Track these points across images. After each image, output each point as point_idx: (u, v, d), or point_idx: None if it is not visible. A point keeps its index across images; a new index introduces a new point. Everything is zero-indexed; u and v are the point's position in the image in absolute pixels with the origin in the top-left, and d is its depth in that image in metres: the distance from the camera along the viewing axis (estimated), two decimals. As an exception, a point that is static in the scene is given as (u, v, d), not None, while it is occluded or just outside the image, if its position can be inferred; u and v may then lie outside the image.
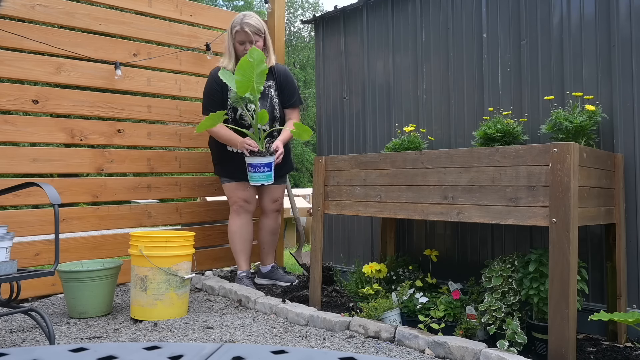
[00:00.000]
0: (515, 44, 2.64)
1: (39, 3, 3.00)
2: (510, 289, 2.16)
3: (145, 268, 2.57)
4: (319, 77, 3.72)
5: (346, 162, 2.65)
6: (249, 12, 3.21)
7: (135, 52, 3.41)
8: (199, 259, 3.48)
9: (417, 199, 2.32)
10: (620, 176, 2.24)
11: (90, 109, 3.21)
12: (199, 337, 2.30)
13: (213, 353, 0.62)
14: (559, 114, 2.21)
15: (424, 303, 2.42)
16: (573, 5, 2.43)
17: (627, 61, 2.27)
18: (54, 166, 3.07)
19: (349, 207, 2.62)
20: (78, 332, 2.41)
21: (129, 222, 3.36)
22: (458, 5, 2.88)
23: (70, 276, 2.60)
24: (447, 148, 2.53)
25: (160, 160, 3.52)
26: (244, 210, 3.26)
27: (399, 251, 3.10)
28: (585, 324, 2.26)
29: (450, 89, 2.91)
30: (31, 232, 2.97)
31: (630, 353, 2.06)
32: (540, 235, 2.51)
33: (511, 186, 2.00)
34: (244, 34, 3.09)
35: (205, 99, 3.21)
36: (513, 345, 2.01)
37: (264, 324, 2.49)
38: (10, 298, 2.16)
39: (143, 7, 3.44)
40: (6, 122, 2.90)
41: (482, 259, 2.67)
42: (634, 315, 1.73)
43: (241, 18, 3.11)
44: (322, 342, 2.21)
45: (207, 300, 3.02)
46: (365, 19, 3.37)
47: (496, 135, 2.32)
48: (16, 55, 2.93)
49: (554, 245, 1.85)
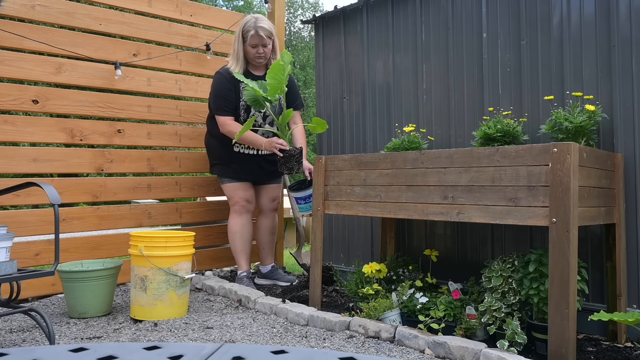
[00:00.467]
0: (515, 44, 2.64)
1: (39, 3, 3.00)
2: (510, 289, 2.16)
3: (145, 268, 2.57)
4: (319, 77, 3.72)
5: (346, 162, 2.65)
6: (260, 16, 3.20)
7: (135, 52, 3.41)
8: (199, 259, 3.48)
9: (417, 199, 2.32)
10: (620, 176, 2.24)
11: (90, 109, 3.21)
12: (199, 337, 2.30)
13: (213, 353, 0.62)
14: (559, 114, 2.21)
15: (424, 303, 2.42)
16: (573, 5, 2.43)
17: (627, 61, 2.27)
18: (54, 166, 3.07)
19: (349, 207, 2.62)
20: (78, 332, 2.41)
21: (129, 222, 3.36)
22: (458, 5, 2.88)
23: (70, 276, 2.60)
24: (447, 148, 2.53)
25: (160, 160, 3.52)
26: (245, 210, 3.27)
27: (399, 251, 3.10)
28: (585, 324, 2.26)
29: (450, 89, 2.91)
30: (31, 232, 2.97)
31: (630, 353, 2.06)
32: (540, 235, 2.51)
33: (511, 186, 2.00)
34: (259, 37, 3.08)
35: (220, 100, 3.15)
36: (513, 345, 2.01)
37: (264, 324, 2.49)
38: (10, 298, 2.16)
39: (143, 7, 3.44)
40: (6, 122, 2.90)
41: (482, 259, 2.67)
42: (634, 315, 1.73)
43: (254, 22, 3.09)
44: (322, 342, 2.21)
45: (207, 300, 3.02)
46: (365, 19, 3.37)
47: (496, 135, 2.32)
48: (16, 55, 2.93)
49: (554, 245, 1.85)
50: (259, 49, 3.11)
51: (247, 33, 3.10)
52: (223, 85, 3.14)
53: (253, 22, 3.09)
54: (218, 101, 3.15)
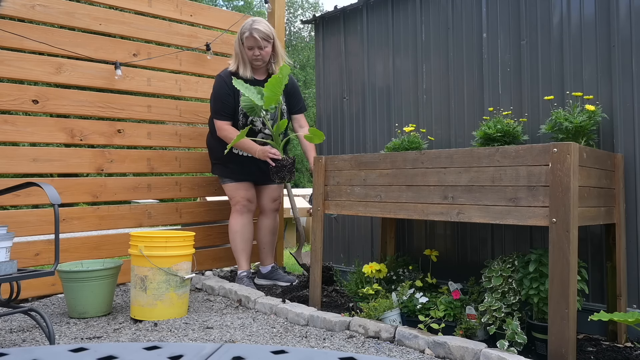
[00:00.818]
0: (515, 44, 2.64)
1: (39, 3, 3.00)
2: (510, 289, 2.16)
3: (145, 268, 2.57)
4: (319, 77, 3.72)
5: (346, 162, 2.65)
6: (259, 18, 3.20)
7: (135, 52, 3.41)
8: (199, 259, 3.48)
9: (417, 199, 2.32)
10: (620, 176, 2.24)
11: (90, 109, 3.21)
12: (199, 337, 2.30)
13: (213, 353, 0.62)
14: (559, 114, 2.21)
15: (424, 303, 2.42)
16: (573, 5, 2.43)
17: (627, 61, 2.27)
18: (54, 166, 3.06)
19: (349, 207, 2.62)
20: (78, 332, 2.41)
21: (129, 222, 3.36)
22: (458, 5, 2.88)
23: (70, 276, 2.60)
24: (447, 148, 2.53)
25: (160, 160, 3.52)
26: (246, 210, 3.27)
27: (399, 251, 3.10)
28: (585, 324, 2.26)
29: (450, 89, 2.91)
30: (31, 232, 2.97)
31: (630, 353, 2.06)
32: (540, 235, 2.51)
33: (511, 186, 2.00)
34: (253, 39, 3.08)
35: (218, 104, 3.16)
36: (513, 345, 2.01)
37: (264, 324, 2.49)
38: (10, 298, 2.16)
39: (143, 7, 3.44)
40: (6, 122, 2.90)
41: (482, 259, 2.67)
42: (634, 315, 1.73)
43: (250, 24, 3.10)
44: (322, 342, 2.21)
45: (207, 300, 3.02)
46: (365, 19, 3.37)
47: (496, 135, 2.32)
48: (16, 55, 2.93)
49: (554, 245, 1.85)
50: (255, 51, 3.12)
51: (243, 35, 3.11)
52: (222, 89, 3.14)
53: (249, 24, 3.10)
54: (217, 105, 3.17)
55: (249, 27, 3.10)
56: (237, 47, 3.16)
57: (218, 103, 3.16)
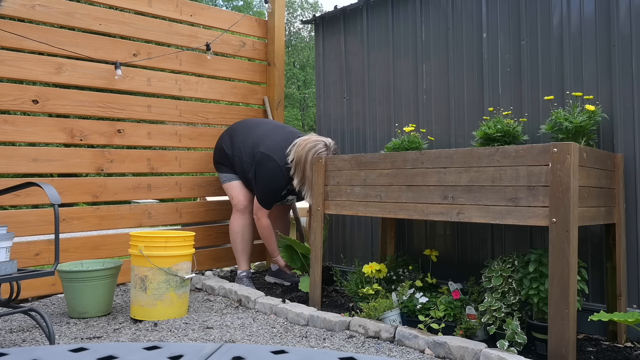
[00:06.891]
0: (515, 44, 2.64)
1: (39, 3, 3.00)
2: (510, 289, 2.16)
3: (145, 268, 2.57)
4: (319, 77, 3.72)
5: (346, 162, 2.65)
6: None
7: (135, 52, 3.41)
8: (199, 259, 3.48)
9: (417, 199, 2.32)
10: (620, 176, 2.24)
11: (90, 109, 3.21)
12: (199, 337, 2.30)
13: (213, 353, 0.62)
14: (559, 114, 2.21)
15: (424, 303, 2.42)
16: (573, 5, 2.43)
17: (627, 61, 2.27)
18: (53, 166, 3.06)
19: (349, 207, 2.62)
20: (78, 332, 2.41)
21: (129, 222, 3.36)
22: (458, 5, 2.88)
23: (70, 276, 2.60)
24: (447, 148, 2.53)
25: (160, 160, 3.52)
26: (248, 211, 3.28)
27: (399, 251, 3.10)
28: (585, 324, 2.26)
29: (450, 89, 2.90)
30: (31, 232, 2.97)
31: (630, 353, 2.06)
32: (540, 235, 2.51)
33: (511, 186, 2.00)
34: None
35: (271, 195, 3.15)
36: (513, 345, 2.01)
37: (264, 324, 2.49)
38: (10, 298, 2.16)
39: (143, 7, 3.44)
40: (6, 122, 2.90)
41: (482, 259, 2.67)
42: (634, 315, 1.73)
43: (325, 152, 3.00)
44: (322, 342, 2.21)
45: (207, 300, 3.02)
46: (365, 19, 3.36)
47: (496, 135, 2.32)
48: (16, 55, 2.93)
49: (554, 245, 1.85)
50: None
51: (319, 153, 2.97)
52: (280, 184, 3.12)
53: (325, 151, 2.99)
54: (268, 195, 3.15)
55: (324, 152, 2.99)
56: (304, 163, 2.99)
57: (271, 194, 3.15)
